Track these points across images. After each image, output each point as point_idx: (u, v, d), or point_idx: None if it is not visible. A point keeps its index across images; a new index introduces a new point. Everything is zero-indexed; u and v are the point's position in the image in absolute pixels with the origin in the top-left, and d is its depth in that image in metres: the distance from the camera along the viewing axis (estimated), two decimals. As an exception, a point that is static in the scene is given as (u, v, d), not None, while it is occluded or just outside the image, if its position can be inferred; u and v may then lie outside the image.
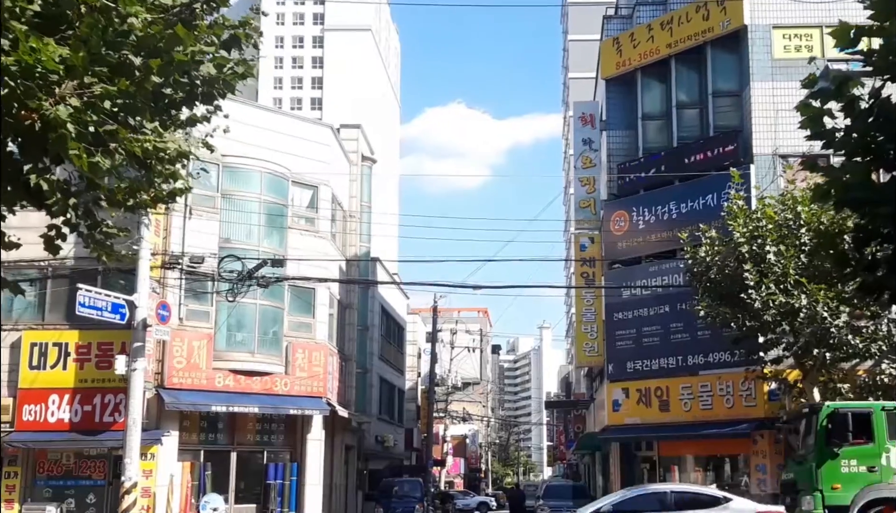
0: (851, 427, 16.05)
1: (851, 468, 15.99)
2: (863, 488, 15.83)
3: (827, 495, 15.89)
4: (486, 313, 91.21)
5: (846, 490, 15.85)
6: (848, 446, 15.98)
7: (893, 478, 16.02)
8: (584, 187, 28.17)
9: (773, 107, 23.86)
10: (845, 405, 16.81)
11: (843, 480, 15.94)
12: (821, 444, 16.22)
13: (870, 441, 16.10)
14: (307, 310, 26.16)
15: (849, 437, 16.02)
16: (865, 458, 16.02)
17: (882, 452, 16.01)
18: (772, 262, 18.37)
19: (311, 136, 27.17)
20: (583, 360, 28.61)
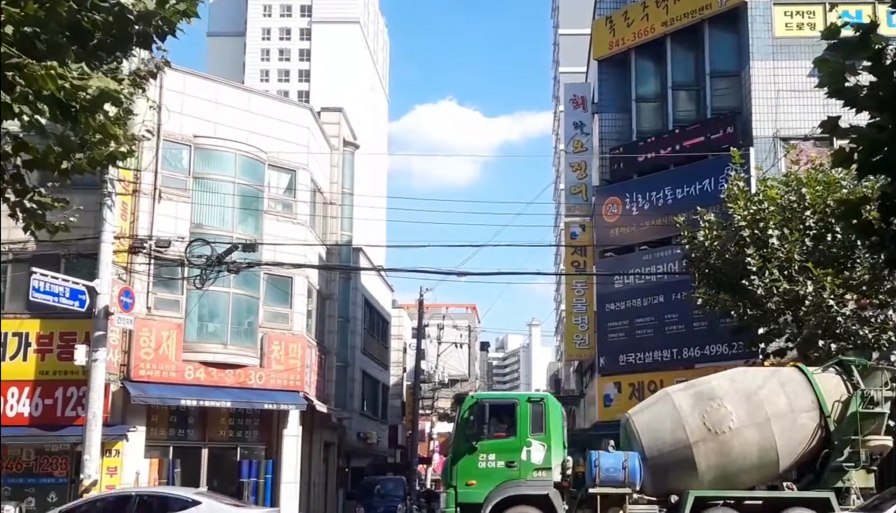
0: (494, 419, 15.26)
1: (489, 463, 15.13)
2: (499, 484, 14.88)
3: (461, 492, 14.99)
4: (474, 309, 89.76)
5: (481, 487, 14.95)
6: (488, 440, 15.09)
7: (534, 474, 15.10)
8: (576, 173, 27.00)
9: (774, 87, 22.81)
10: (489, 396, 16.16)
11: (480, 475, 15.05)
12: (459, 437, 15.40)
13: (512, 434, 15.21)
14: (284, 300, 24.90)
15: (489, 430, 15.17)
16: (505, 452, 15.15)
17: (523, 446, 15.15)
18: (775, 246, 17.27)
19: (289, 117, 25.90)
20: (573, 353, 27.46)
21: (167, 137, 23.03)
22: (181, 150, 23.60)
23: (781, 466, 15.19)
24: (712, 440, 14.92)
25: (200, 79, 24.59)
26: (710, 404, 15.17)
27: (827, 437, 15.11)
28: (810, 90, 22.66)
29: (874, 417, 15.16)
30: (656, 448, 15.15)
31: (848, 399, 15.13)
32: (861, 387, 15.23)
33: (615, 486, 14.88)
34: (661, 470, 15.10)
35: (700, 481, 14.90)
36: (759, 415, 15.05)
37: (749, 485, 15.26)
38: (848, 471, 14.97)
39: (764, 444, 14.94)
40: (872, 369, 15.68)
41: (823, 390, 15.27)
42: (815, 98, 22.52)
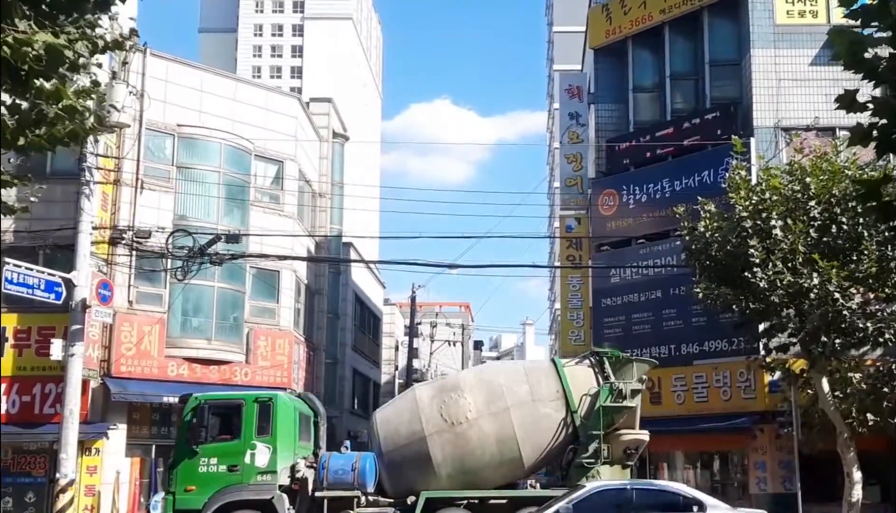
0: (217, 421, 14.51)
1: (211, 468, 14.38)
2: (219, 490, 14.14)
3: (179, 499, 14.22)
4: (467, 308, 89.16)
5: (201, 492, 14.19)
6: (210, 443, 14.37)
7: (257, 478, 14.31)
8: (571, 164, 26.30)
9: (776, 76, 22.15)
10: (213, 396, 15.14)
11: (200, 481, 14.29)
12: (180, 441, 14.66)
13: (236, 437, 14.48)
14: (271, 294, 24.21)
15: (212, 432, 14.44)
16: (227, 456, 14.41)
17: (247, 449, 14.39)
18: (778, 237, 16.57)
19: (276, 107, 25.22)
20: (568, 349, 26.68)
21: (150, 126, 22.35)
22: (164, 139, 22.94)
23: (527, 461, 14.33)
24: (448, 431, 14.13)
25: (184, 66, 23.91)
26: (450, 395, 14.42)
27: (574, 432, 14.31)
28: (812, 79, 22.13)
29: (624, 410, 14.43)
30: (392, 442, 14.37)
31: (597, 393, 14.38)
32: (611, 380, 14.45)
33: (344, 488, 14.09)
34: (398, 467, 14.31)
35: (438, 478, 14.12)
36: (497, 404, 14.27)
37: (497, 484, 14.43)
38: (591, 468, 14.08)
39: (502, 434, 14.14)
40: (626, 362, 14.98)
41: (573, 382, 14.46)
42: (818, 87, 21.99)
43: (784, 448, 20.16)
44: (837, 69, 22.53)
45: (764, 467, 20.71)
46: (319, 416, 16.29)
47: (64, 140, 9.09)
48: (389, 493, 14.41)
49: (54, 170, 21.24)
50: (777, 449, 20.47)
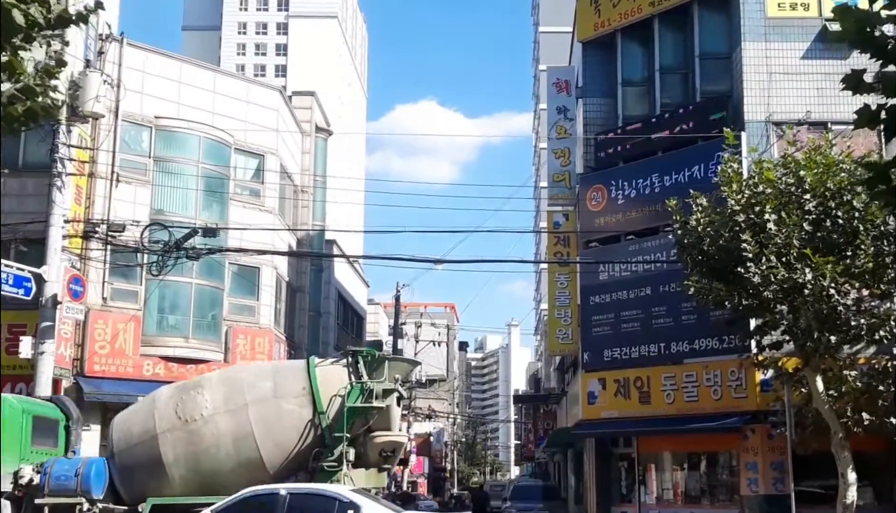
0: None
1: None
2: None
3: None
4: (453, 309, 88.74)
5: None
6: None
7: None
8: (559, 160, 25.79)
9: (767, 70, 21.70)
10: None
11: None
12: None
13: None
14: (250, 291, 23.61)
15: None
16: None
17: None
18: (772, 231, 16.08)
19: (257, 99, 24.62)
20: (555, 348, 26.25)
21: (126, 117, 21.74)
22: (141, 131, 22.36)
23: (269, 462, 13.43)
24: (181, 429, 13.30)
25: (163, 57, 23.28)
26: (189, 392, 13.66)
27: (322, 434, 13.47)
28: (804, 73, 21.71)
29: (375, 411, 13.59)
30: (125, 442, 13.56)
31: (348, 393, 13.51)
32: (364, 379, 13.61)
33: (66, 494, 13.10)
34: (130, 470, 13.46)
35: (171, 480, 13.26)
36: (236, 400, 13.44)
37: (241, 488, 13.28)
38: (335, 472, 13.24)
39: (239, 432, 13.28)
40: (383, 361, 14.16)
41: (325, 382, 13.52)
42: (810, 81, 21.57)
43: (776, 449, 19.70)
44: (830, 63, 22.27)
45: (755, 467, 20.25)
46: (72, 420, 15.22)
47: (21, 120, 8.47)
48: (125, 499, 13.47)
49: (27, 163, 20.63)
50: (769, 449, 20.00)
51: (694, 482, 22.34)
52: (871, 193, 6.10)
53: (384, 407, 13.60)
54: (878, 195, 6.21)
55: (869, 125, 5.88)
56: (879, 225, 15.89)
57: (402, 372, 14.50)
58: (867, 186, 6.23)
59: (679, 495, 22.24)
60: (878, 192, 6.10)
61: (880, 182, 6.00)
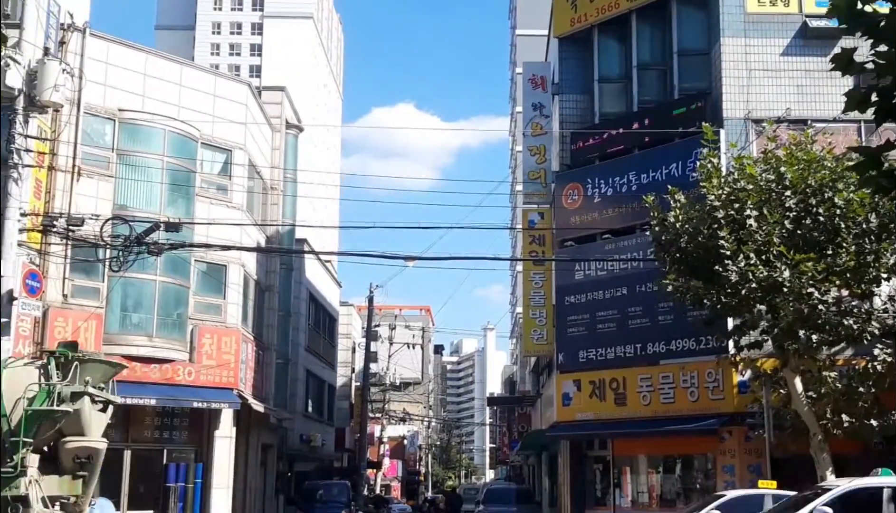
0: None
1: None
2: None
3: None
4: (428, 311, 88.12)
5: None
6: None
7: None
8: (534, 157, 25.33)
9: (746, 66, 21.36)
10: None
11: None
12: None
13: None
14: (217, 289, 22.94)
15: None
16: None
17: None
18: (752, 228, 15.71)
19: (225, 93, 23.95)
20: (530, 349, 25.78)
21: (88, 110, 21.01)
22: (104, 123, 21.63)
23: None
24: None
25: (127, 48, 22.56)
26: None
27: (1, 438, 12.46)
28: (784, 70, 21.40)
29: (62, 415, 12.64)
30: None
31: (34, 396, 12.55)
32: (53, 381, 12.71)
33: None
34: None
35: None
36: None
37: None
38: (14, 478, 12.22)
39: None
40: (88, 362, 13.28)
41: (11, 382, 12.39)
42: (789, 78, 21.27)
43: (753, 451, 19.35)
44: (810, 59, 21.91)
45: (732, 470, 19.85)
46: None
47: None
48: None
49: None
50: (746, 452, 19.62)
51: (670, 485, 21.96)
52: (862, 178, 5.69)
53: (72, 411, 12.66)
54: (869, 181, 5.77)
55: (859, 108, 5.57)
56: (861, 222, 15.57)
57: (100, 374, 13.45)
58: (857, 171, 5.79)
59: (654, 498, 21.84)
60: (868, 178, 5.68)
61: (871, 167, 5.65)
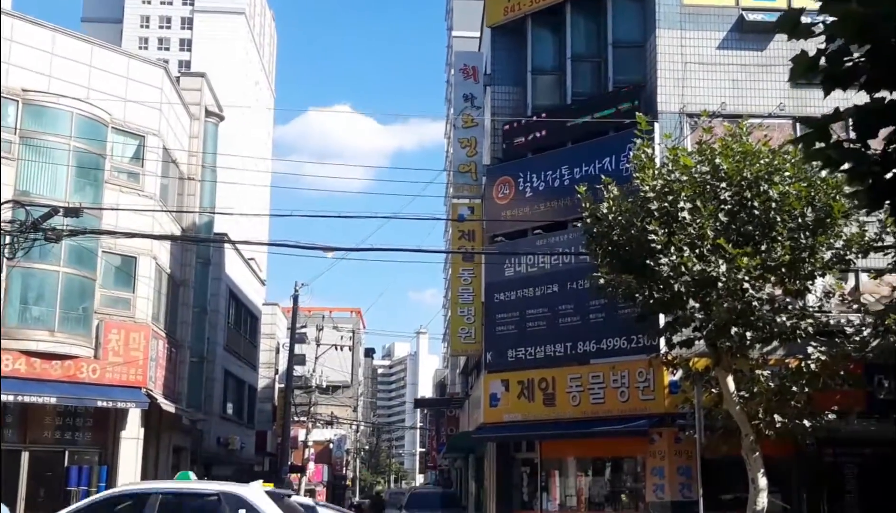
0: None
1: None
2: None
3: None
4: (359, 314, 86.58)
5: None
6: None
7: None
8: (465, 149, 24.52)
9: (682, 59, 20.92)
10: None
11: None
12: None
13: None
14: (126, 283, 21.62)
15: None
16: None
17: None
18: (686, 221, 15.13)
19: (138, 76, 22.65)
20: (458, 348, 24.94)
21: None
22: (7, 104, 20.19)
23: None
24: None
25: (33, 25, 21.14)
26: None
27: None
28: (720, 64, 21.00)
29: None
30: None
31: None
32: None
33: None
34: None
35: None
36: None
37: None
38: None
39: None
40: None
41: None
42: (725, 72, 20.88)
43: (684, 453, 18.85)
44: (746, 54, 21.50)
45: (662, 473, 19.32)
46: None
47: None
48: None
49: None
50: (676, 454, 19.11)
51: (598, 489, 21.34)
52: (808, 152, 5.19)
53: None
54: (816, 154, 5.26)
55: (806, 75, 5.21)
56: (797, 216, 15.11)
57: None
58: (803, 144, 5.22)
59: (583, 501, 21.20)
60: (816, 151, 5.22)
61: (819, 139, 5.18)
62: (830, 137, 5.24)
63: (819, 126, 5.42)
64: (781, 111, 19.43)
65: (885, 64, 4.93)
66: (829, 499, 18.97)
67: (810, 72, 5.07)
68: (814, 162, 5.53)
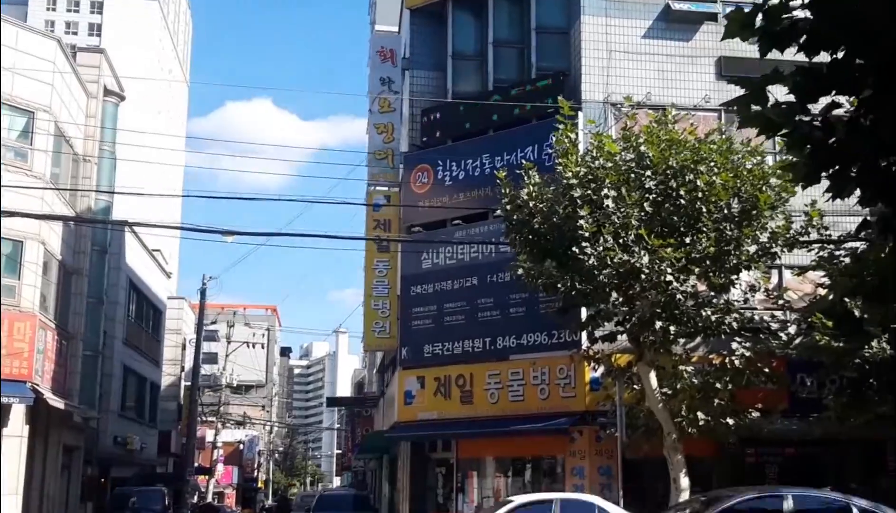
0: None
1: None
2: None
3: None
4: (274, 311, 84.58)
5: None
6: None
7: None
8: (381, 135, 23.49)
9: (606, 47, 20.36)
10: None
11: None
12: None
13: None
14: (11, 269, 19.91)
15: None
16: None
17: None
18: (610, 209, 14.41)
19: (28, 47, 20.95)
20: (371, 343, 23.88)
21: None
22: None
23: None
24: None
25: None
26: None
27: None
28: (645, 53, 20.46)
29: None
30: None
31: None
32: None
33: None
34: None
35: None
36: None
37: None
38: None
39: None
40: None
41: None
42: (650, 62, 20.35)
43: (605, 452, 18.23)
44: (671, 43, 20.85)
45: (582, 473, 18.64)
46: None
47: None
48: None
49: None
50: (597, 453, 18.48)
51: (517, 489, 20.55)
52: (744, 118, 4.76)
53: None
54: (754, 119, 4.84)
55: (741, 35, 4.89)
56: (723, 207, 14.55)
57: None
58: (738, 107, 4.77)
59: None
60: (753, 115, 4.82)
61: (755, 101, 4.80)
62: (768, 100, 4.77)
63: (756, 87, 4.83)
64: (707, 103, 18.94)
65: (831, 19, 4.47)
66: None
67: (745, 30, 4.72)
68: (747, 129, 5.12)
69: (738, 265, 15.00)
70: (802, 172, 5.05)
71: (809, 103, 4.77)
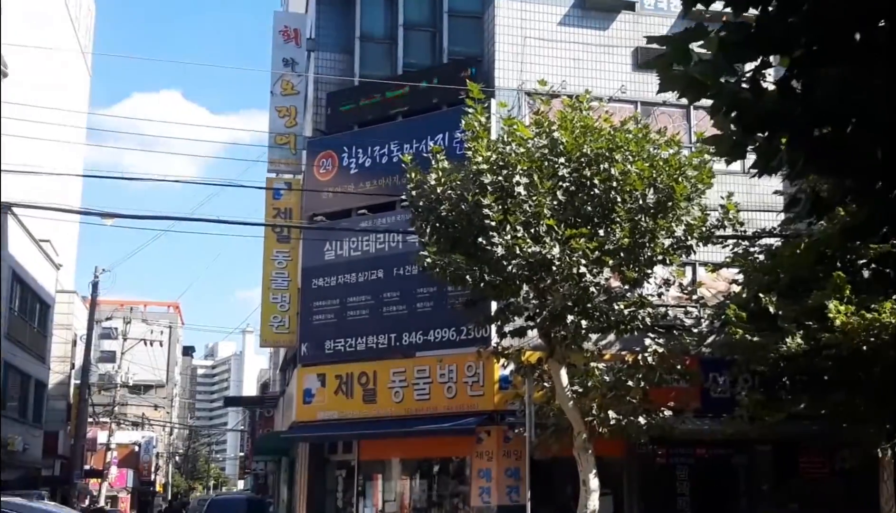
0: None
1: None
2: None
3: None
4: (177, 309, 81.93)
5: None
6: None
7: None
8: (283, 119, 22.27)
9: (521, 33, 19.73)
10: None
11: None
12: None
13: None
14: None
15: None
16: None
17: None
18: (521, 197, 13.67)
19: None
20: (269, 338, 22.64)
21: None
22: None
23: None
24: None
25: None
26: None
27: None
28: (561, 40, 19.88)
29: None
30: None
31: None
32: None
33: None
34: None
35: None
36: None
37: None
38: None
39: None
40: None
41: None
42: (566, 49, 19.79)
43: (513, 453, 17.55)
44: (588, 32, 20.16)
45: (489, 475, 17.90)
46: None
47: None
48: None
49: None
50: (504, 455, 17.77)
51: (422, 493, 19.70)
52: (665, 79, 4.51)
53: None
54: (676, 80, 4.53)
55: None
56: (638, 198, 13.97)
57: None
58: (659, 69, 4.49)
59: (406, 506, 19.51)
60: (675, 76, 4.51)
61: (677, 60, 4.48)
62: (691, 59, 4.44)
63: (678, 45, 4.46)
64: (623, 94, 18.45)
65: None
66: (661, 501, 18.09)
67: None
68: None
69: (652, 258, 14.46)
70: (728, 144, 4.70)
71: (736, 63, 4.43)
